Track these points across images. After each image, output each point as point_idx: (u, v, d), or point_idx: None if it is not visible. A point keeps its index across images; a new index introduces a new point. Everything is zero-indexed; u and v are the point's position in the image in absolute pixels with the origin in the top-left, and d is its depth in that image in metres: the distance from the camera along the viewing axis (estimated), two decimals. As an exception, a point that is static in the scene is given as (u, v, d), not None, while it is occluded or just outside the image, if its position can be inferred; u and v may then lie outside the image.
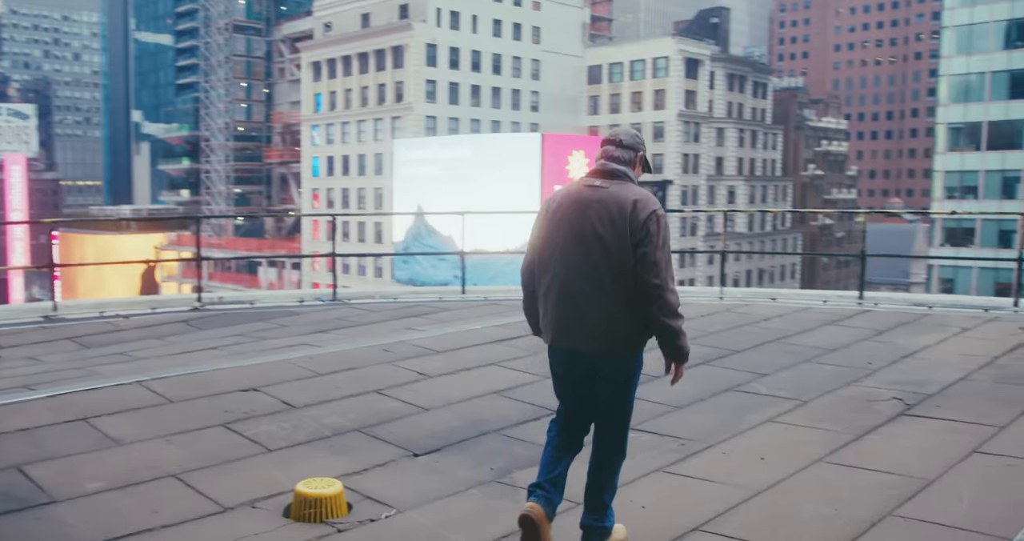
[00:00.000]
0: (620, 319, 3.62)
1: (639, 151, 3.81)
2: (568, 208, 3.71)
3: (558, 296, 3.70)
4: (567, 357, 3.78)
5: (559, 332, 3.72)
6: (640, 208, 3.59)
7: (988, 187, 55.98)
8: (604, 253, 3.60)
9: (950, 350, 8.08)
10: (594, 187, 3.71)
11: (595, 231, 3.62)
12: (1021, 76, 54.44)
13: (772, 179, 79.48)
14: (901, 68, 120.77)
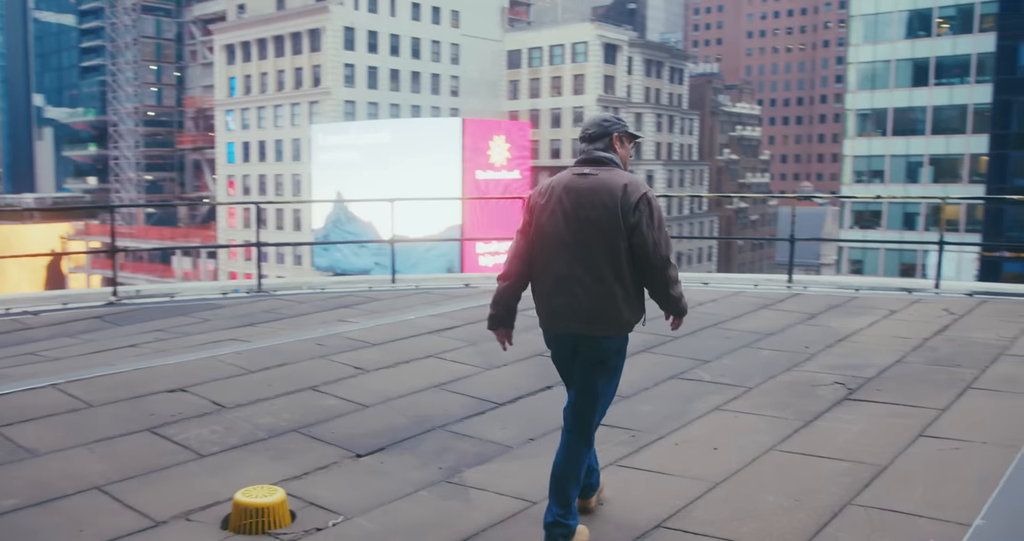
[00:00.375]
0: (615, 303, 3.70)
1: (612, 133, 3.85)
2: (560, 197, 3.76)
3: (551, 282, 3.77)
4: (564, 341, 3.85)
5: (556, 318, 3.80)
6: (630, 192, 3.66)
7: (893, 171, 57.89)
8: (599, 239, 3.66)
9: (882, 333, 8.19)
10: (583, 175, 3.76)
11: (589, 217, 3.67)
12: (923, 64, 56.33)
13: (689, 163, 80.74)
14: (811, 55, 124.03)
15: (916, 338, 7.89)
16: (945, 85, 55.87)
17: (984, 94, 52.89)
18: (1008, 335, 7.94)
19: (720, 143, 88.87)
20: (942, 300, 9.91)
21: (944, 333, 8.09)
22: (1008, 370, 6.68)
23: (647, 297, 3.88)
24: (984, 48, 53.11)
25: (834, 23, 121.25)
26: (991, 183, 51.47)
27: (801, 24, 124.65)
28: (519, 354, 7.45)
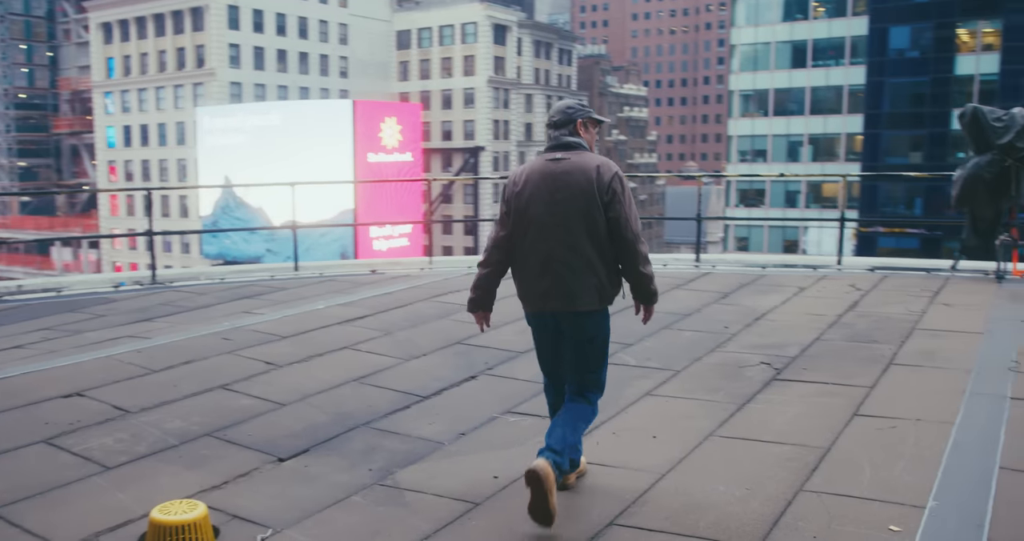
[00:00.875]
0: (598, 279, 3.91)
1: (577, 119, 4.02)
2: (536, 182, 3.92)
3: (538, 265, 3.94)
4: (550, 321, 4.04)
5: (542, 298, 3.97)
6: (603, 172, 3.86)
7: (775, 150, 59.85)
8: (578, 219, 3.85)
9: (796, 310, 8.26)
10: (556, 160, 3.93)
11: (567, 199, 3.85)
12: (801, 47, 58.30)
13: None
14: (694, 37, 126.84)
15: (830, 315, 7.99)
16: (822, 67, 57.97)
17: (858, 75, 55.12)
18: (916, 309, 8.12)
19: (609, 124, 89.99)
20: (846, 276, 10.12)
21: (856, 309, 8.23)
22: (923, 344, 6.80)
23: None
24: (857, 31, 55.28)
25: (715, 6, 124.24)
26: (865, 161, 53.81)
27: (684, 6, 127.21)
28: (437, 343, 7.19)
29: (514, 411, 5.51)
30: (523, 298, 4.10)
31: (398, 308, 8.56)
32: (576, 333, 4.01)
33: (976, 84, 50.47)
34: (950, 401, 5.40)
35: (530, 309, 4.09)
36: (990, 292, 8.91)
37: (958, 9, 50.44)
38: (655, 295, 4.06)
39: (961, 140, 52.05)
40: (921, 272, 10.27)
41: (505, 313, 8.21)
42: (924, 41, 52.06)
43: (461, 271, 10.94)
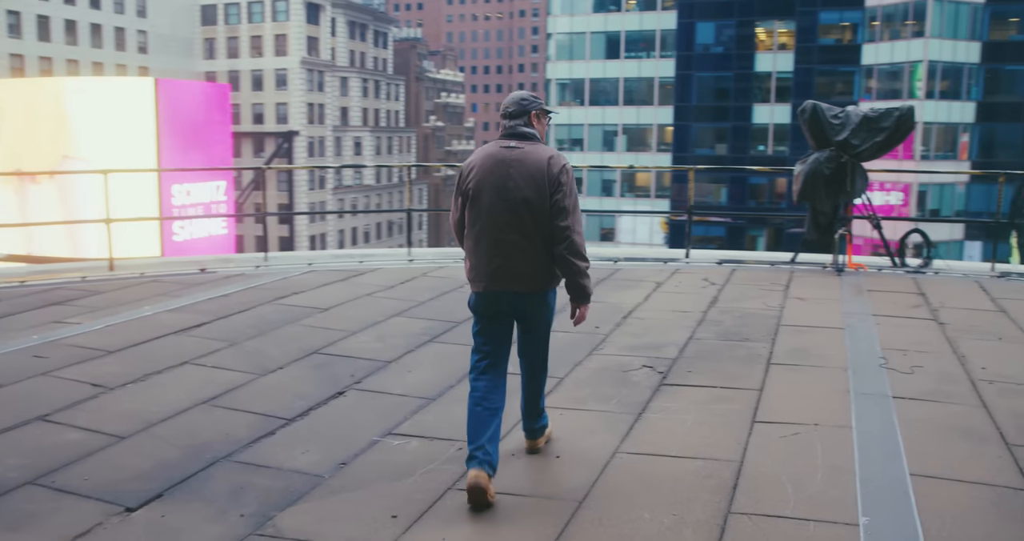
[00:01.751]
0: (544, 262, 4.11)
1: (531, 111, 4.20)
2: (488, 168, 4.09)
3: (489, 247, 4.11)
4: (497, 300, 4.17)
5: (492, 279, 4.13)
6: (553, 163, 4.07)
7: (591, 140, 61.41)
8: (527, 206, 4.03)
9: (661, 307, 8.14)
10: (510, 147, 4.11)
11: (518, 186, 4.03)
12: (615, 38, 60.05)
13: (397, 130, 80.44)
14: (509, 24, 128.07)
15: (695, 311, 7.91)
16: (634, 59, 59.97)
17: (668, 68, 57.41)
18: (774, 304, 8.19)
19: (427, 110, 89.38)
20: (698, 270, 10.17)
21: (717, 305, 8.20)
22: (793, 341, 6.80)
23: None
24: (667, 25, 57.54)
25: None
26: (676, 152, 56.18)
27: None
28: (291, 353, 6.50)
29: (396, 432, 4.97)
30: (472, 278, 4.22)
31: (239, 313, 7.73)
32: (523, 313, 4.23)
33: (773, 81, 53.77)
34: (839, 402, 5.34)
35: (479, 289, 4.20)
36: (834, 285, 9.16)
37: (757, 9, 53.46)
38: (588, 293, 4.19)
39: (761, 133, 55.61)
40: (765, 265, 10.48)
41: (361, 317, 7.65)
42: (727, 38, 54.85)
43: (301, 268, 10.16)
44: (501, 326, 4.27)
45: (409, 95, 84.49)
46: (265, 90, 67.12)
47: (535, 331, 4.32)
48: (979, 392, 5.56)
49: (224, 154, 47.97)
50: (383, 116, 78.48)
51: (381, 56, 78.54)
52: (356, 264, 10.45)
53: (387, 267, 10.24)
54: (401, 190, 79.76)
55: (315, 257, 11.10)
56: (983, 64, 47.36)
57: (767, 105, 53.95)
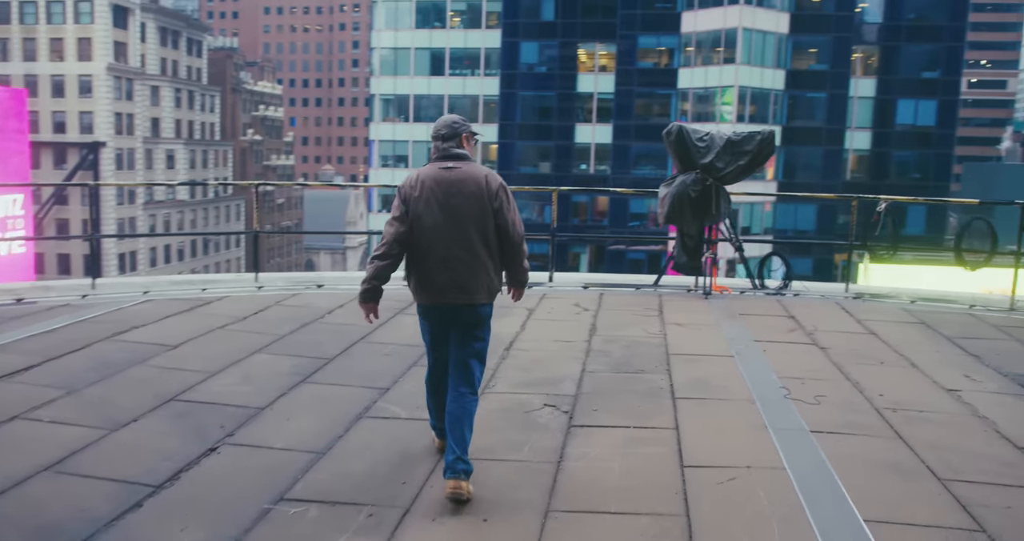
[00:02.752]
0: (488, 274, 4.39)
1: (461, 133, 4.47)
2: (431, 188, 4.32)
3: (437, 262, 4.32)
4: (441, 312, 4.45)
5: (440, 292, 4.35)
6: (491, 181, 4.36)
7: (416, 157, 60.85)
8: (471, 222, 4.30)
9: (541, 337, 7.76)
10: (448, 168, 4.37)
11: (461, 205, 4.30)
12: (440, 55, 59.92)
13: (212, 143, 76.83)
14: (329, 37, 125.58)
15: (578, 341, 7.58)
16: (459, 76, 60.05)
17: (492, 86, 57.86)
18: (655, 331, 8.00)
19: (244, 123, 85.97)
20: (565, 294, 9.89)
21: (598, 333, 7.91)
22: (690, 372, 6.59)
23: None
24: (491, 44, 58.01)
25: (349, 7, 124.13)
26: (500, 170, 56.52)
27: (318, 4, 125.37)
28: (145, 401, 5.63)
29: (289, 497, 4.28)
30: (420, 292, 4.45)
31: (73, 353, 6.69)
32: (467, 324, 4.44)
33: (595, 101, 55.32)
34: (761, 440, 5.12)
35: (427, 301, 4.46)
36: (706, 310, 9.11)
37: (579, 31, 54.91)
38: (527, 282, 4.66)
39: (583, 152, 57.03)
40: (630, 289, 10.34)
41: (219, 355, 6.80)
42: (551, 58, 55.96)
43: (135, 297, 9.07)
44: (442, 335, 4.56)
45: (225, 107, 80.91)
46: (67, 97, 62.33)
47: (479, 340, 4.51)
48: (888, 422, 5.50)
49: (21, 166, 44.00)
50: (197, 128, 74.69)
51: (195, 65, 74.79)
52: (199, 292, 9.46)
53: (235, 295, 9.32)
54: (217, 205, 76.05)
55: (150, 284, 9.97)
56: (787, 90, 50.73)
57: (589, 125, 55.40)
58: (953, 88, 53.60)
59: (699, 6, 50.57)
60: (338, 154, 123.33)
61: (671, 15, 52.38)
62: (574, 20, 54.98)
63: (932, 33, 52.56)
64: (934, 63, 53.06)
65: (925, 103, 53.14)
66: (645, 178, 53.33)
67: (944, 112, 53.40)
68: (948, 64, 53.17)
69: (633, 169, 53.68)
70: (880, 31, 52.81)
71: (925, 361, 7.12)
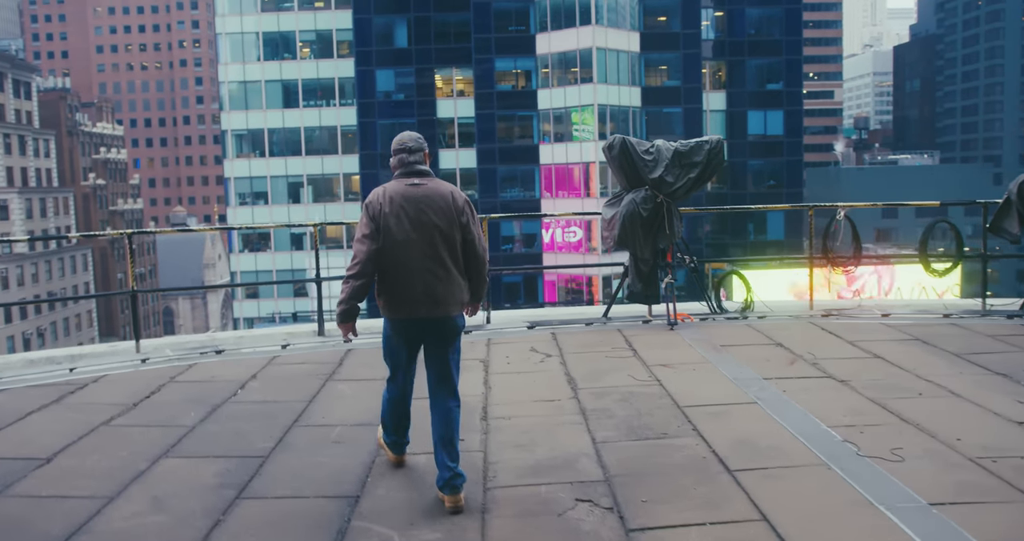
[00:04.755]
0: (460, 286, 4.53)
1: (424, 149, 4.59)
2: (400, 204, 4.41)
3: (408, 276, 4.42)
4: (415, 326, 4.51)
5: (416, 304, 4.44)
6: (456, 197, 4.53)
7: (275, 192, 58.30)
8: (441, 237, 4.43)
9: (515, 397, 6.39)
10: (415, 185, 4.47)
11: (431, 220, 4.41)
12: (292, 86, 57.68)
13: (50, 190, 71.34)
14: (169, 74, 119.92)
15: (564, 398, 6.26)
16: (314, 107, 57.99)
17: (350, 116, 56.09)
18: (643, 376, 6.76)
19: (84, 167, 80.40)
20: (513, 337, 8.53)
21: (580, 386, 6.59)
22: (723, 432, 5.37)
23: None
24: (345, 73, 56.28)
25: (189, 42, 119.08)
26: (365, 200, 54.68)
27: (155, 41, 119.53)
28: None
29: None
30: (394, 307, 4.47)
31: None
32: (443, 337, 4.53)
33: (456, 126, 54.38)
34: (882, 526, 3.93)
35: (400, 315, 4.48)
36: (682, 343, 7.96)
37: (434, 57, 53.94)
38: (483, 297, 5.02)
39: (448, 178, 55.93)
40: (580, 325, 9.07)
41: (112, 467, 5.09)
42: (407, 85, 54.71)
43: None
44: (415, 351, 4.64)
45: (62, 151, 75.33)
46: None
47: (452, 351, 4.60)
48: (1003, 478, 4.43)
49: None
50: (32, 175, 69.09)
51: (24, 108, 69.27)
52: (66, 373, 7.56)
53: (114, 373, 7.48)
54: (61, 257, 70.40)
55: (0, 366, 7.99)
56: (644, 107, 51.32)
57: (452, 150, 54.38)
58: (796, 98, 55.77)
59: (552, 28, 50.61)
60: (189, 194, 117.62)
61: (525, 37, 52.22)
62: (428, 46, 54.04)
63: (772, 47, 54.58)
64: (777, 75, 55.08)
65: (773, 113, 55.03)
66: (514, 201, 52.79)
67: (790, 121, 55.46)
68: (789, 76, 55.32)
69: (501, 193, 53.01)
70: (724, 46, 54.38)
71: (962, 388, 6.19)
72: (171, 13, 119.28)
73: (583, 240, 49.84)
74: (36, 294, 66.15)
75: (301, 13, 57.08)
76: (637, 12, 51.10)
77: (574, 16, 48.99)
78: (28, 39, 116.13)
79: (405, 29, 54.15)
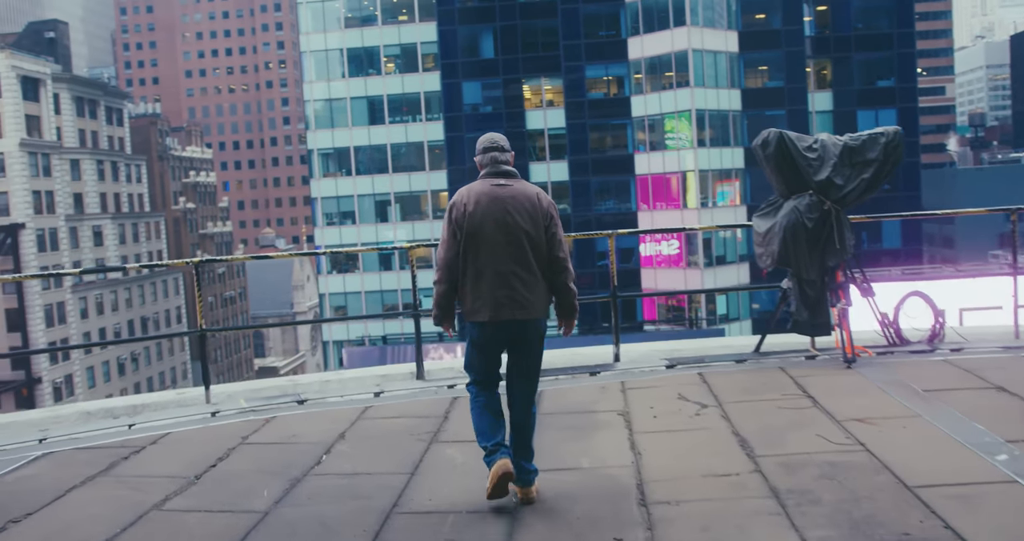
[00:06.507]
0: (543, 290, 4.47)
1: (512, 151, 4.58)
2: (486, 205, 4.37)
3: (493, 279, 4.37)
4: (500, 329, 4.44)
5: (500, 308, 4.37)
6: (542, 198, 4.47)
7: (363, 211, 57.74)
8: (526, 238, 4.38)
9: (674, 467, 4.90)
10: (501, 185, 4.44)
11: (516, 221, 4.37)
12: (377, 102, 57.12)
13: (142, 215, 72.74)
14: (255, 96, 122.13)
15: (741, 470, 4.75)
16: (400, 123, 57.33)
17: (437, 131, 55.25)
18: (838, 437, 5.19)
19: (174, 191, 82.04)
20: (652, 380, 7.01)
21: (754, 449, 5.06)
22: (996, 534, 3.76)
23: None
24: (431, 87, 55.49)
25: (275, 63, 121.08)
26: (453, 216, 53.71)
27: (242, 64, 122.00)
28: None
29: None
30: (476, 310, 4.40)
31: None
32: (527, 334, 4.47)
33: (546, 138, 53.00)
34: None
35: (484, 319, 4.40)
36: (871, 388, 6.32)
37: (521, 66, 52.74)
38: (577, 310, 4.56)
39: (538, 191, 54.95)
40: (728, 362, 7.50)
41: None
42: (495, 97, 53.64)
43: (26, 451, 5.97)
44: (499, 354, 4.55)
45: (153, 176, 76.89)
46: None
47: (534, 355, 4.55)
48: None
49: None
50: (124, 200, 70.56)
51: (116, 134, 70.92)
52: (124, 430, 6.37)
53: (178, 431, 6.25)
54: (153, 281, 71.65)
55: (51, 421, 6.87)
56: (744, 110, 49.00)
57: (543, 163, 53.02)
58: (911, 95, 52.50)
59: (644, 31, 48.82)
60: (277, 216, 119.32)
61: (617, 42, 50.58)
62: (515, 56, 52.88)
63: (881, 41, 51.57)
64: (887, 71, 52.03)
65: (885, 112, 51.79)
66: (608, 214, 51.08)
67: (904, 119, 51.97)
68: (901, 71, 52.15)
69: (595, 206, 51.42)
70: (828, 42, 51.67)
71: None
72: (256, 35, 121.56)
73: (683, 253, 47.79)
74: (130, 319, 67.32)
75: (385, 27, 56.58)
76: (735, 10, 48.90)
77: (667, 17, 47.13)
78: (120, 67, 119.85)
79: (491, 39, 53.15)
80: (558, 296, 4.50)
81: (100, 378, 64.64)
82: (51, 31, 69.82)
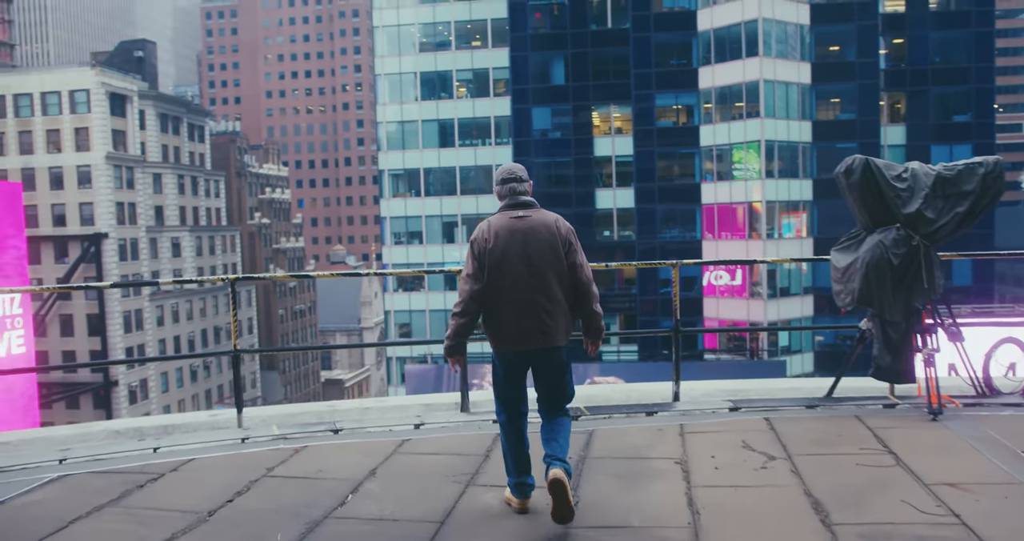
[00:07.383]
0: (567, 317, 4.57)
1: (529, 180, 4.69)
2: (506, 238, 4.49)
3: (518, 309, 4.47)
4: (524, 358, 4.58)
5: (525, 337, 4.50)
6: (560, 226, 4.58)
7: (430, 232, 57.91)
8: (547, 268, 4.49)
9: (741, 536, 4.31)
10: (519, 217, 4.55)
11: (537, 252, 4.49)
12: (448, 126, 57.41)
13: (219, 229, 74.26)
14: (331, 117, 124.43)
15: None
16: (469, 146, 57.46)
17: (505, 156, 55.13)
18: (929, 507, 4.53)
19: (250, 206, 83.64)
20: (714, 424, 6.42)
21: (835, 518, 4.44)
22: None
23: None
24: (501, 112, 55.52)
25: (352, 86, 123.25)
26: (521, 240, 53.35)
27: (320, 86, 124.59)
28: None
29: None
30: (501, 339, 4.53)
31: None
32: (552, 364, 4.59)
33: (613, 165, 52.46)
34: None
35: (509, 348, 4.54)
36: (961, 445, 5.63)
37: (591, 94, 52.40)
38: (603, 331, 4.68)
39: (605, 218, 54.25)
40: (798, 407, 6.87)
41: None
42: (564, 123, 53.37)
43: (43, 472, 5.67)
44: (524, 379, 4.66)
45: (230, 191, 78.55)
46: (66, 189, 59.97)
47: (562, 377, 4.63)
48: None
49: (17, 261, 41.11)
50: (203, 214, 72.17)
51: (198, 151, 72.70)
52: (148, 454, 6.04)
53: (203, 457, 5.89)
54: (227, 293, 72.93)
55: (77, 438, 6.60)
56: (814, 142, 47.80)
57: (609, 190, 52.45)
58: (988, 131, 50.63)
59: (716, 60, 48.05)
60: (348, 233, 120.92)
61: (687, 71, 49.87)
62: (586, 83, 52.55)
63: (959, 75, 49.87)
64: (964, 106, 50.30)
65: (960, 147, 49.98)
66: (672, 242, 50.23)
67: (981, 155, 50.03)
68: (979, 106, 50.38)
69: (660, 233, 50.59)
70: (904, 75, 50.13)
71: None
72: (335, 58, 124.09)
73: (746, 284, 46.61)
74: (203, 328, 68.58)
75: (458, 52, 56.93)
76: (808, 42, 47.88)
77: (740, 48, 46.35)
78: (204, 86, 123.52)
79: (562, 66, 52.97)
80: (585, 319, 4.60)
81: (173, 383, 65.89)
82: (140, 50, 72.09)
